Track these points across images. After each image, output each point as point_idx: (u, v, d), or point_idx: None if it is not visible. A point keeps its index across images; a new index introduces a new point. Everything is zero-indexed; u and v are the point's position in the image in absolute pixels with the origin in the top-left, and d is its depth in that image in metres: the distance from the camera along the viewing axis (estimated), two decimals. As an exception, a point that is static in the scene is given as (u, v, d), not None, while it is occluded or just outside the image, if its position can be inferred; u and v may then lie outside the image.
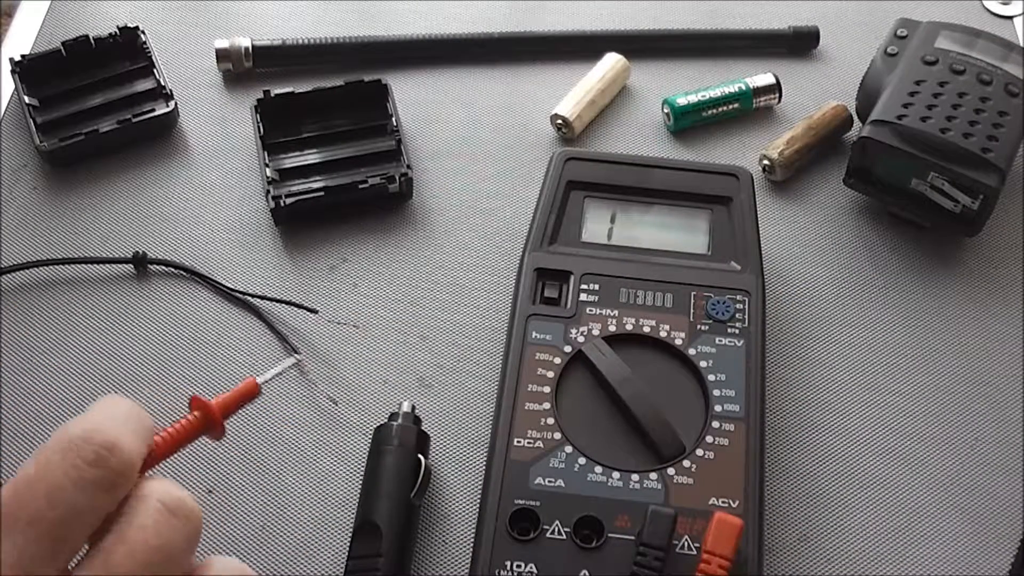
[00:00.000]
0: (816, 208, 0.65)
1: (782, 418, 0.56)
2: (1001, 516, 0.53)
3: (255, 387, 0.42)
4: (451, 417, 0.55)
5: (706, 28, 0.74)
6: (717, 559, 0.44)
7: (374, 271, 0.61)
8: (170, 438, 0.39)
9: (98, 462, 0.32)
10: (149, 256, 0.61)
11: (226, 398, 0.41)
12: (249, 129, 0.66)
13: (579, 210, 0.58)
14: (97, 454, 0.32)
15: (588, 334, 0.53)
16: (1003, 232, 0.64)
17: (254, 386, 0.42)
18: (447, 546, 0.51)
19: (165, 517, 0.33)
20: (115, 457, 0.32)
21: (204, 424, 0.40)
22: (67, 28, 0.72)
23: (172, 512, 0.33)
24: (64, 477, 0.31)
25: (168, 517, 0.33)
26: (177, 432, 0.39)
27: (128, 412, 0.34)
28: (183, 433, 0.39)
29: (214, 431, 0.40)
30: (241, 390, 0.42)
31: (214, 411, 0.40)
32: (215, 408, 0.40)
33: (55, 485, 0.31)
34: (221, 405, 0.41)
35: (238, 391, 0.42)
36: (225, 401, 0.41)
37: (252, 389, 0.42)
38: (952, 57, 0.63)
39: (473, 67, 0.72)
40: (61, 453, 0.31)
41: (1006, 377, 0.58)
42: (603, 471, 0.48)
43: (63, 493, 0.31)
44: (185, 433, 0.39)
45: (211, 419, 0.40)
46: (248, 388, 0.42)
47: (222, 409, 0.41)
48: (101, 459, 0.32)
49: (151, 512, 0.32)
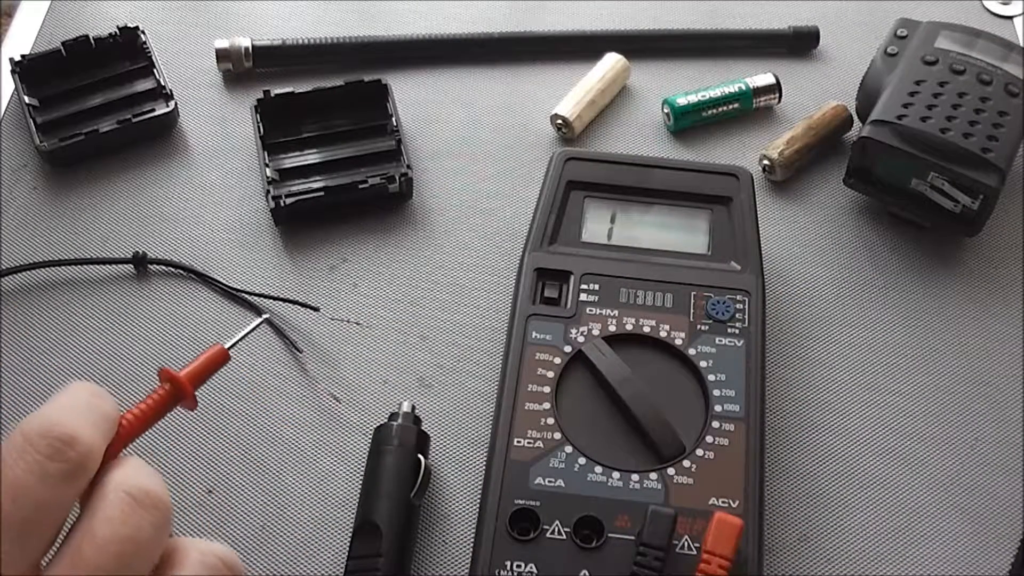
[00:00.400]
0: (816, 208, 0.65)
1: (782, 418, 0.56)
2: (1001, 516, 0.53)
3: (223, 353, 0.42)
4: (451, 417, 0.55)
5: (706, 28, 0.74)
6: (717, 559, 0.44)
7: (374, 271, 0.61)
8: (141, 414, 0.38)
9: (57, 455, 0.31)
10: (149, 256, 0.61)
11: (194, 367, 0.40)
12: (249, 129, 0.66)
13: (579, 210, 0.58)
14: (55, 447, 0.31)
15: (588, 334, 0.53)
16: (1003, 232, 0.64)
17: (222, 352, 0.42)
18: (447, 546, 0.51)
19: (131, 507, 0.32)
20: (74, 449, 0.32)
21: (175, 395, 0.39)
22: (67, 28, 0.72)
23: (138, 501, 0.32)
24: (26, 473, 0.31)
25: (134, 507, 0.32)
26: (148, 407, 0.38)
27: (88, 401, 0.34)
28: (154, 407, 0.39)
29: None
30: (209, 356, 0.41)
31: (183, 381, 0.39)
32: (183, 378, 0.40)
33: (17, 482, 0.31)
34: (190, 374, 0.40)
35: (206, 357, 0.41)
36: (194, 370, 0.40)
37: (220, 355, 0.42)
38: (952, 57, 0.63)
39: (473, 67, 0.72)
40: (20, 449, 0.31)
41: (1006, 377, 0.58)
42: (603, 471, 0.48)
43: (26, 490, 0.31)
44: (157, 407, 0.39)
45: (181, 389, 0.39)
46: (216, 354, 0.41)
47: (191, 378, 0.40)
48: (59, 452, 0.31)
49: (116, 503, 0.32)
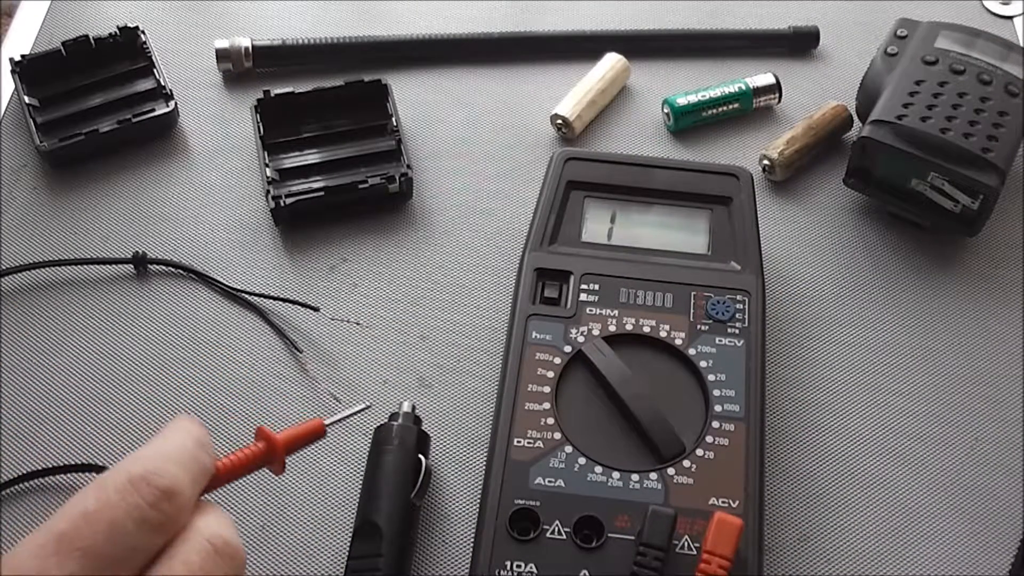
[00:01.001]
0: (816, 208, 0.65)
1: (782, 418, 0.56)
2: (1001, 516, 0.53)
3: (321, 427, 0.42)
4: (451, 417, 0.55)
5: (706, 28, 0.74)
6: (717, 559, 0.44)
7: (374, 271, 0.61)
8: (231, 466, 0.39)
9: (157, 505, 0.33)
10: (149, 256, 0.61)
11: (291, 433, 0.41)
12: (249, 129, 0.66)
13: (579, 210, 0.58)
14: (156, 497, 0.33)
15: (588, 334, 0.53)
16: (1003, 232, 0.64)
17: (320, 426, 0.42)
18: (447, 546, 0.51)
19: (211, 556, 0.34)
20: (172, 503, 0.33)
21: (266, 456, 0.40)
22: (67, 28, 0.72)
23: (218, 551, 0.34)
24: (125, 515, 0.32)
25: (213, 556, 0.34)
26: (239, 461, 0.39)
27: (192, 452, 0.36)
28: (244, 462, 0.39)
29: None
30: (307, 428, 0.42)
31: (278, 445, 0.40)
32: (279, 442, 0.40)
33: (116, 522, 0.32)
34: (285, 440, 0.41)
35: (304, 428, 0.41)
36: (289, 437, 0.41)
37: (318, 429, 0.42)
38: (952, 57, 0.63)
39: (473, 67, 0.72)
40: (122, 492, 0.33)
41: (1006, 377, 0.58)
42: (603, 471, 0.48)
43: (123, 531, 0.32)
44: (247, 462, 0.39)
45: (274, 452, 0.40)
46: (314, 427, 0.42)
47: (286, 444, 0.40)
48: (159, 503, 0.33)
49: (198, 550, 0.34)
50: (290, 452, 0.41)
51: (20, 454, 0.53)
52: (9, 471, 0.53)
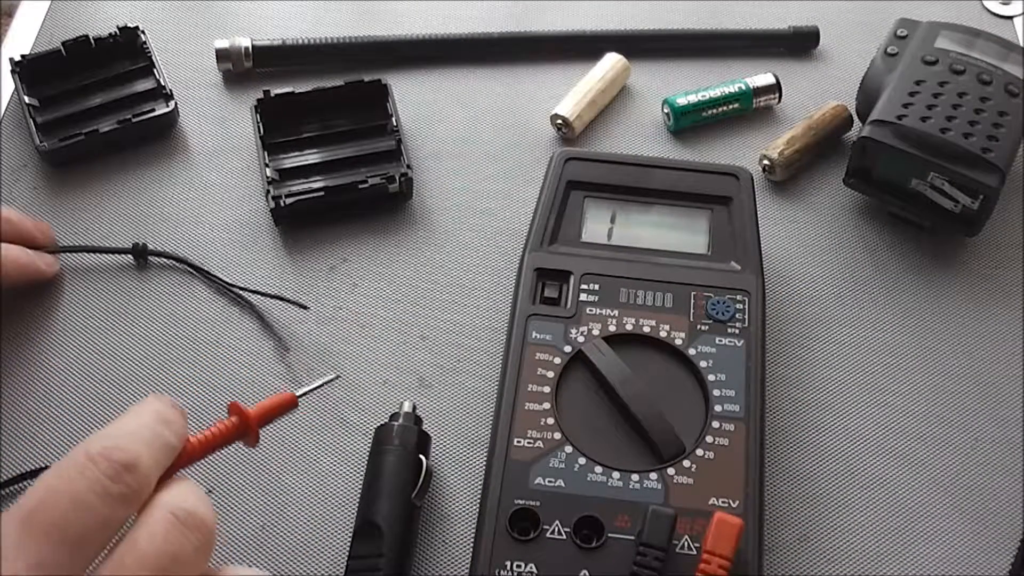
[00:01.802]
0: (816, 208, 0.65)
1: (782, 418, 0.56)
2: (1001, 516, 0.53)
3: (293, 399, 0.43)
4: (451, 417, 0.55)
5: (706, 28, 0.74)
6: (717, 559, 0.44)
7: (374, 271, 0.61)
8: (204, 442, 0.40)
9: (117, 478, 0.33)
10: (149, 248, 0.61)
11: (263, 406, 0.42)
12: (249, 129, 0.66)
13: (579, 210, 0.58)
14: (116, 470, 0.33)
15: (588, 334, 0.53)
16: (1003, 232, 0.64)
17: (292, 398, 0.43)
18: (447, 546, 0.51)
19: (176, 526, 0.34)
20: (132, 475, 0.34)
21: (240, 429, 0.41)
22: (67, 28, 0.72)
23: (182, 521, 0.34)
24: (87, 489, 0.33)
25: (178, 526, 0.34)
26: (211, 436, 0.40)
27: (153, 429, 0.36)
28: (217, 437, 0.40)
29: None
30: (278, 400, 0.43)
31: (250, 417, 0.41)
32: (252, 415, 0.41)
33: (79, 496, 0.33)
34: (258, 413, 0.42)
35: (275, 400, 0.43)
36: (262, 409, 0.42)
37: (289, 400, 0.43)
38: (952, 57, 0.63)
39: (473, 67, 0.72)
40: (82, 467, 0.33)
41: (1006, 377, 0.58)
42: (603, 471, 0.48)
43: (86, 502, 0.33)
44: (219, 437, 0.40)
45: (247, 425, 0.41)
46: (285, 399, 0.43)
47: (258, 417, 0.42)
48: (119, 475, 0.34)
49: (161, 520, 0.34)
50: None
51: (20, 447, 0.53)
52: (9, 471, 0.53)
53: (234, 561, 0.50)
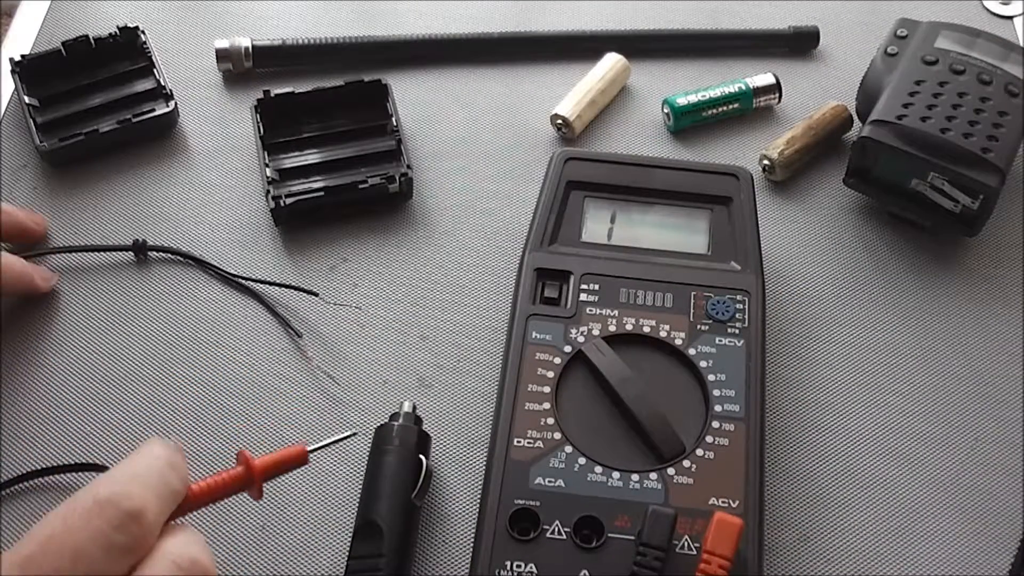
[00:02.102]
0: (816, 208, 0.65)
1: (782, 418, 0.56)
2: (1001, 516, 0.53)
3: (303, 454, 0.41)
4: (451, 417, 0.55)
5: (706, 28, 0.74)
6: (717, 559, 0.44)
7: (374, 271, 0.61)
8: (207, 490, 0.39)
9: (122, 528, 0.33)
10: (148, 244, 0.61)
11: (271, 459, 0.41)
12: (249, 129, 0.66)
13: (579, 210, 0.58)
14: (122, 521, 0.33)
15: (588, 334, 0.53)
16: (1003, 232, 0.64)
17: (302, 453, 0.41)
18: (447, 546, 0.51)
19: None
20: (139, 525, 0.33)
21: (244, 480, 0.40)
22: (67, 28, 0.72)
23: (183, 570, 0.34)
24: (89, 540, 0.32)
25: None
26: (215, 484, 0.39)
27: (161, 474, 0.36)
28: (220, 487, 0.39)
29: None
30: (288, 454, 0.41)
31: (256, 471, 0.40)
32: (257, 468, 0.40)
33: (80, 546, 0.32)
34: (263, 466, 0.40)
35: (284, 455, 0.41)
36: (268, 463, 0.41)
37: (299, 455, 0.41)
38: (952, 57, 0.63)
39: (473, 67, 0.72)
40: (87, 515, 0.33)
41: (1006, 377, 0.58)
42: (603, 471, 0.48)
43: (87, 554, 0.32)
44: (223, 486, 0.39)
45: (251, 479, 0.40)
46: (295, 454, 0.41)
47: (263, 471, 0.40)
48: (125, 526, 0.33)
49: (165, 570, 0.34)
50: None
51: (20, 454, 0.53)
52: (9, 471, 0.53)
53: (234, 561, 0.50)
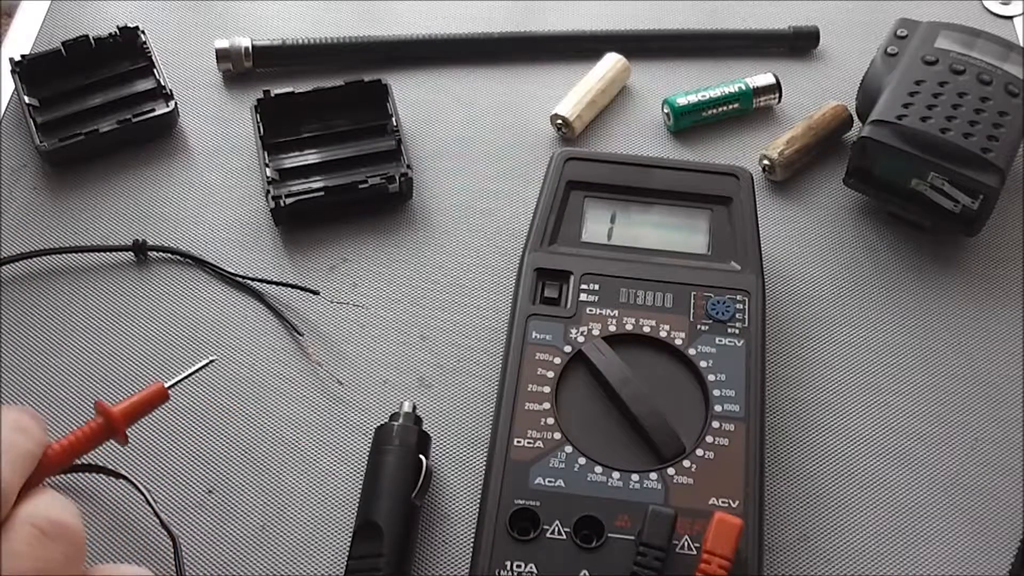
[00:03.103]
0: (816, 208, 0.65)
1: (782, 418, 0.56)
2: (1001, 516, 0.53)
3: (163, 392, 0.42)
4: (451, 417, 0.55)
5: (706, 28, 0.74)
6: (717, 559, 0.44)
7: (374, 271, 0.61)
8: (68, 447, 0.39)
9: None
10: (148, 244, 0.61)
11: (130, 403, 0.41)
12: (249, 129, 0.66)
13: (579, 210, 0.58)
14: None
15: (588, 334, 0.53)
16: (1003, 232, 0.64)
17: (161, 390, 0.42)
18: (447, 546, 0.51)
19: (39, 540, 0.32)
20: None
21: (106, 430, 0.40)
22: (67, 28, 0.72)
23: (46, 534, 0.32)
24: None
25: (42, 540, 0.32)
26: (76, 440, 0.39)
27: (8, 439, 0.34)
28: (82, 440, 0.39)
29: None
30: (147, 394, 0.41)
31: (115, 418, 0.40)
32: (117, 415, 0.40)
33: None
34: (124, 412, 0.40)
35: (143, 396, 0.41)
36: (128, 408, 0.41)
37: (158, 394, 0.42)
38: (952, 57, 0.63)
39: (473, 67, 0.72)
40: None
41: (1006, 377, 0.58)
42: (603, 471, 0.48)
43: None
44: (85, 439, 0.39)
45: (113, 426, 0.40)
46: (154, 393, 0.42)
47: (125, 416, 0.40)
48: None
49: (24, 537, 0.32)
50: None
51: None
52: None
53: (234, 561, 0.50)
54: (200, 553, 0.51)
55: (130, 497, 0.51)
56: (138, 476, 0.49)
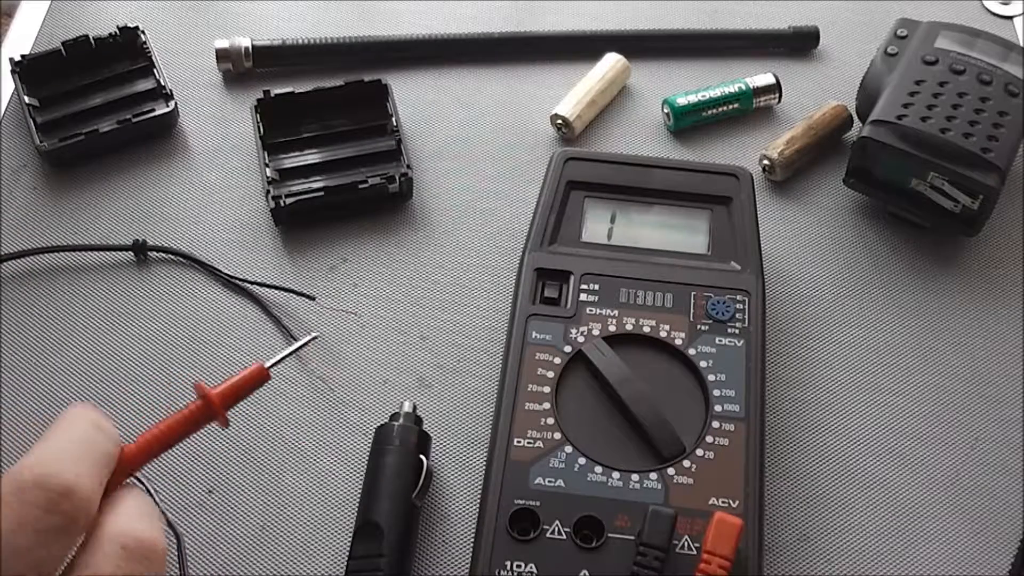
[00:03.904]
0: (816, 208, 0.65)
1: (782, 418, 0.56)
2: (1001, 516, 0.53)
3: (263, 372, 0.40)
4: (451, 417, 0.55)
5: (706, 28, 0.74)
6: (717, 559, 0.44)
7: (374, 271, 0.61)
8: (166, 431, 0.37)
9: (53, 508, 0.30)
10: (148, 244, 0.61)
11: (229, 386, 0.39)
12: (249, 129, 0.66)
13: (579, 210, 0.58)
14: (51, 499, 0.30)
15: (588, 334, 0.53)
16: (1003, 232, 0.64)
17: (261, 371, 0.40)
18: (447, 546, 0.51)
19: (126, 561, 0.31)
20: (70, 501, 0.30)
21: (206, 413, 0.38)
22: (67, 28, 0.72)
23: (130, 554, 0.32)
24: (20, 529, 0.29)
25: (128, 560, 0.31)
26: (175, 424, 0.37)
27: (85, 439, 0.33)
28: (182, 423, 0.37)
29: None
30: (247, 376, 0.39)
31: (214, 400, 0.38)
32: (215, 398, 0.38)
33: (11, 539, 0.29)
34: (223, 394, 0.38)
35: (244, 377, 0.39)
36: (227, 390, 0.39)
37: (259, 374, 0.39)
38: (952, 57, 0.63)
39: (473, 67, 0.72)
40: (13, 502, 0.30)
41: (1006, 377, 0.58)
42: (603, 471, 0.48)
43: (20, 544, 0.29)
44: (185, 423, 0.38)
45: (212, 409, 0.38)
46: (255, 374, 0.39)
47: (223, 399, 0.38)
48: (55, 505, 0.30)
49: (112, 558, 0.31)
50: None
51: (21, 453, 0.53)
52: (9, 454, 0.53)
53: (234, 561, 0.50)
54: (201, 553, 0.51)
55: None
56: (139, 475, 0.48)
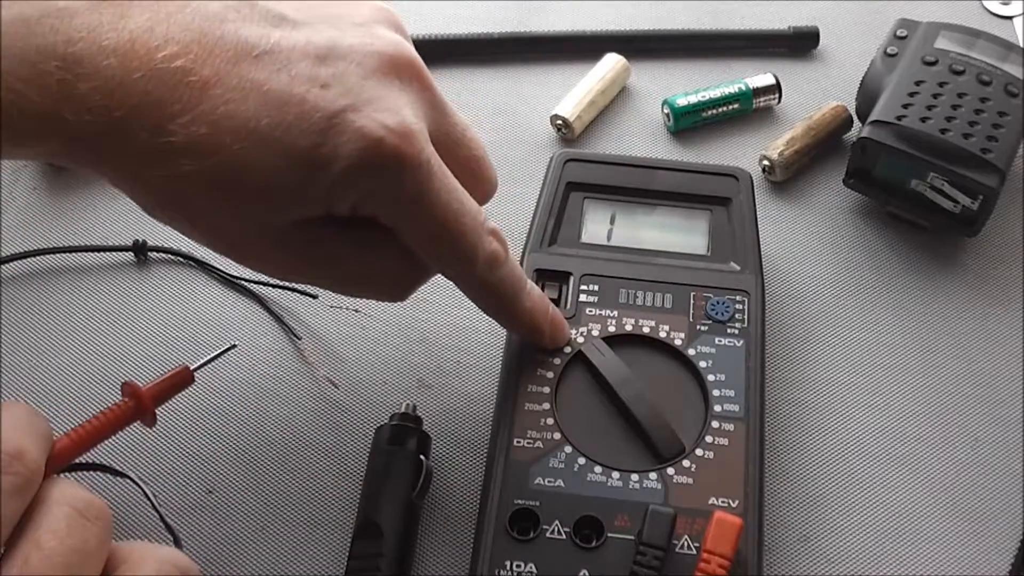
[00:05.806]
0: (816, 208, 0.65)
1: (782, 418, 0.56)
2: (1001, 516, 0.53)
3: (188, 374, 0.43)
4: (451, 418, 0.55)
5: (706, 28, 0.74)
6: (717, 559, 0.44)
7: (374, 271, 0.61)
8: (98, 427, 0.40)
9: (8, 469, 0.33)
10: (149, 244, 0.61)
11: (158, 385, 0.42)
12: (249, 129, 0.65)
13: (579, 211, 0.58)
14: (6, 461, 0.33)
15: (588, 334, 0.53)
16: (1003, 232, 0.64)
17: (187, 373, 0.43)
18: (447, 546, 0.51)
19: (77, 520, 0.34)
20: (23, 463, 0.33)
21: (136, 411, 0.41)
22: (67, 28, 0.72)
23: (82, 514, 0.34)
24: None
25: (79, 519, 0.34)
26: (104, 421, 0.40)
27: (28, 420, 0.36)
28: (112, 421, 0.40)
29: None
30: (173, 377, 0.42)
31: (144, 398, 0.41)
32: (146, 395, 0.41)
33: None
34: (152, 393, 0.41)
35: (170, 378, 0.42)
36: (156, 389, 0.42)
37: (184, 376, 0.43)
38: (952, 57, 0.63)
39: (473, 67, 0.72)
40: None
41: (1006, 377, 0.58)
42: (603, 471, 0.48)
43: None
44: (114, 420, 0.40)
45: (142, 407, 0.41)
46: (180, 375, 0.43)
47: (152, 397, 0.41)
48: (9, 465, 0.33)
49: (63, 516, 0.34)
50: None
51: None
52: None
53: (234, 561, 0.50)
54: (200, 553, 0.51)
55: (130, 496, 0.51)
56: (138, 476, 0.49)
